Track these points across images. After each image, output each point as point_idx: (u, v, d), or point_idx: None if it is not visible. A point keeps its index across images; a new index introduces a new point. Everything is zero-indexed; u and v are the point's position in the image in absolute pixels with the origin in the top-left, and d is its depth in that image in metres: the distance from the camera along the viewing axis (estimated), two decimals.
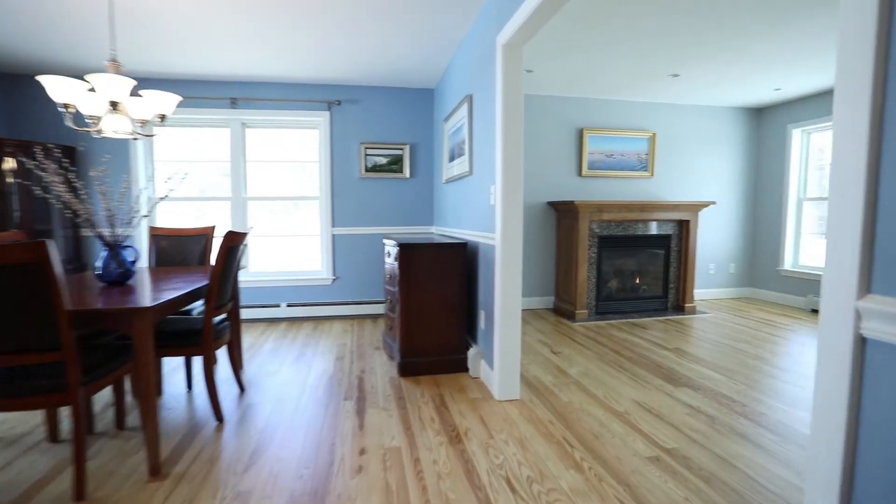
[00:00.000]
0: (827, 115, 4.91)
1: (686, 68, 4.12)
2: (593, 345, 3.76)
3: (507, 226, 2.60)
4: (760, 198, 5.74)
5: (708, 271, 5.74)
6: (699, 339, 3.95)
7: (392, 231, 4.89)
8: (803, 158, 5.33)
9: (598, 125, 5.21)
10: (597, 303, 4.86)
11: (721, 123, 5.63)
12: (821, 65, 4.03)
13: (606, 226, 4.83)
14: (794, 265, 5.42)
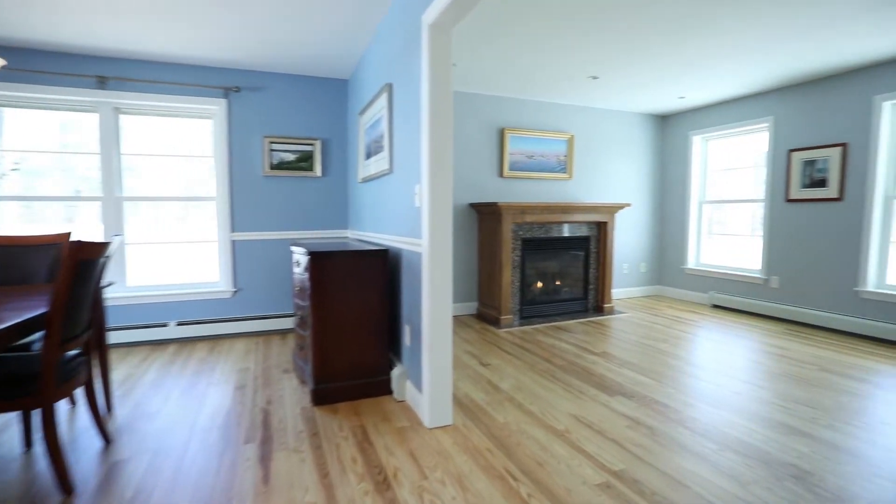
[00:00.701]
0: (723, 123, 5.26)
1: (604, 70, 4.13)
2: (522, 353, 3.61)
3: (436, 230, 2.31)
4: (667, 200, 6.05)
5: (622, 271, 5.93)
6: (622, 340, 3.97)
7: (302, 236, 4.39)
8: (703, 163, 5.67)
9: (519, 125, 5.13)
10: (521, 307, 4.75)
11: (632, 128, 5.84)
12: (719, 76, 4.24)
13: (529, 228, 4.74)
14: (696, 264, 5.76)
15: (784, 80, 4.42)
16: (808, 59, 3.83)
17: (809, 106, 4.47)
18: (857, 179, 4.14)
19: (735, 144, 5.32)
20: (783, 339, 4.00)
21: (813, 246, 4.48)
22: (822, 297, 4.43)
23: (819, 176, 4.40)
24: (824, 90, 4.35)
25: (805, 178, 4.51)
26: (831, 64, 3.95)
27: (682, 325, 4.53)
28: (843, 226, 4.26)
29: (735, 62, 3.89)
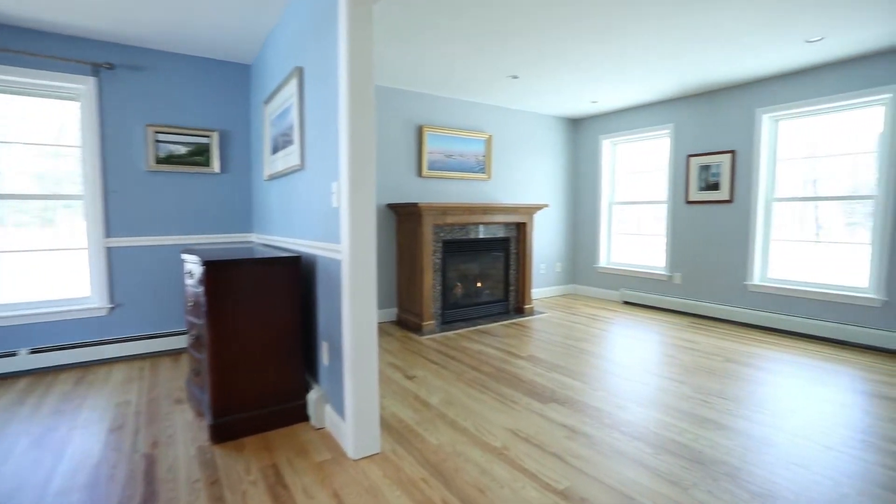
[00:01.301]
0: (630, 128, 5.53)
1: (525, 70, 4.09)
2: (448, 361, 3.42)
3: (358, 234, 2.03)
4: (579, 201, 6.25)
5: (539, 271, 6.01)
6: (546, 342, 3.95)
7: (198, 241, 3.83)
8: (612, 166, 5.94)
9: (438, 123, 4.96)
10: (443, 311, 4.59)
11: (548, 131, 5.95)
12: (628, 83, 4.42)
13: (450, 229, 4.59)
14: (607, 263, 6.01)
15: (684, 90, 4.72)
16: (703, 72, 4.10)
17: (704, 115, 4.82)
18: (745, 183, 4.53)
19: (641, 148, 5.62)
20: (690, 333, 4.24)
21: (709, 244, 4.84)
22: (718, 292, 4.79)
23: (713, 180, 4.76)
24: (717, 101, 4.71)
25: (701, 181, 4.86)
26: (722, 78, 4.27)
27: (600, 322, 4.65)
28: (733, 226, 4.64)
29: (643, 70, 4.05)
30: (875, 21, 3.06)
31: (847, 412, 2.56)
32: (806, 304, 4.17)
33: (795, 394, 2.81)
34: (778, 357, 3.54)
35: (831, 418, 2.48)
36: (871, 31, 3.22)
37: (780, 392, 2.84)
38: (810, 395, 2.79)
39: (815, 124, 4.16)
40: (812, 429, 2.35)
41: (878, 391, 2.87)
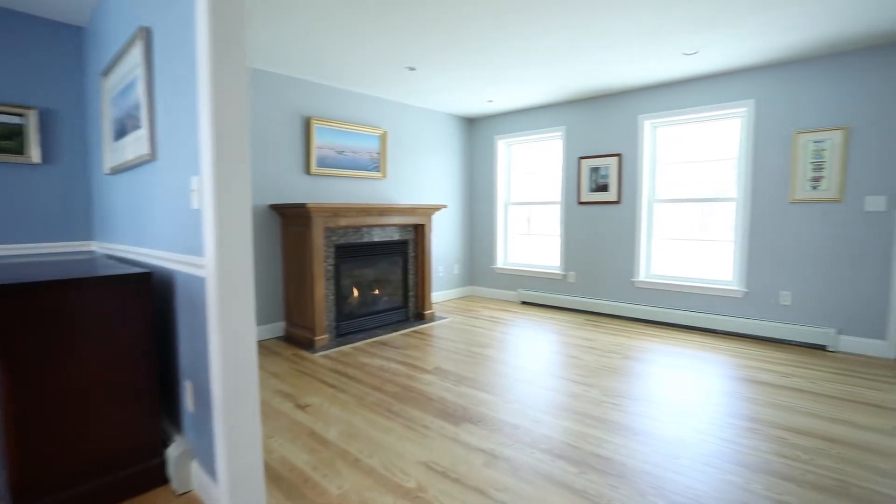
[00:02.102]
0: (525, 129, 5.57)
1: (422, 62, 3.83)
2: (347, 383, 3.03)
3: (227, 244, 1.58)
4: (476, 202, 6.19)
5: (438, 274, 5.82)
6: (451, 350, 3.74)
7: (14, 253, 2.94)
8: (507, 167, 5.96)
9: (328, 115, 4.49)
10: (338, 323, 4.15)
11: (444, 129, 5.77)
12: (524, 84, 4.40)
13: (343, 233, 4.17)
14: (505, 263, 6.02)
15: (574, 94, 4.84)
16: (591, 78, 4.21)
17: (593, 119, 5.00)
18: (630, 185, 4.78)
19: (535, 150, 5.70)
20: (587, 331, 4.34)
21: (600, 243, 5.04)
22: (609, 289, 5.01)
23: (603, 181, 4.96)
24: (604, 106, 4.91)
25: (592, 183, 5.04)
26: (609, 84, 4.44)
27: (501, 325, 4.58)
28: (621, 225, 4.87)
29: (535, 72, 4.04)
30: (740, 39, 3.32)
31: (732, 401, 2.70)
32: (685, 297, 4.51)
33: (687, 386, 2.93)
34: (667, 350, 3.72)
35: (722, 408, 2.59)
36: (736, 49, 3.51)
37: (675, 386, 2.94)
38: (700, 387, 2.92)
39: (688, 131, 4.51)
40: (709, 423, 2.42)
41: (751, 376, 3.10)
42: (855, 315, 3.70)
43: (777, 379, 3.10)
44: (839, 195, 3.70)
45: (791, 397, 2.79)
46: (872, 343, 3.64)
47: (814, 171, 3.80)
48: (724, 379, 3.09)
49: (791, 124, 3.88)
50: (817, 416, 2.55)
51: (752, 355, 3.61)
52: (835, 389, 2.93)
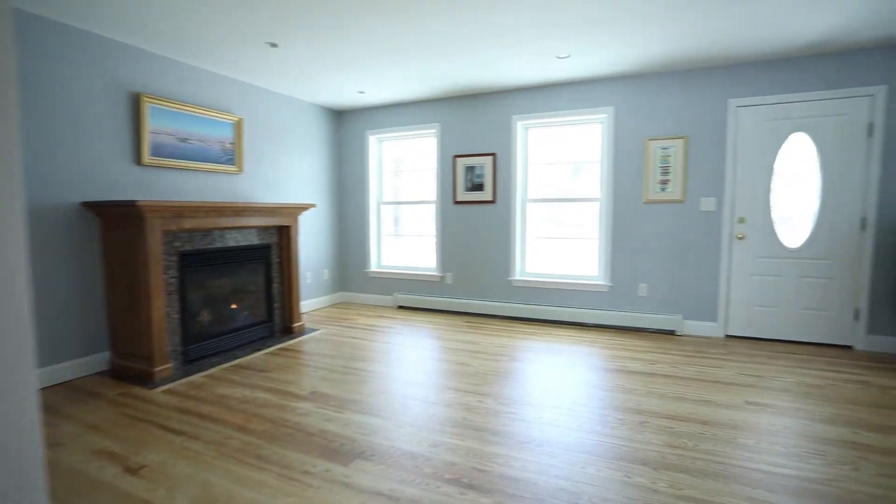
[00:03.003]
0: (398, 125, 5.31)
1: (285, 37, 3.31)
2: (200, 425, 2.43)
3: None
4: (346, 201, 5.74)
5: (306, 281, 5.26)
6: (327, 368, 3.30)
7: None
8: (379, 164, 5.63)
9: (166, 93, 3.67)
10: (185, 347, 3.40)
11: (311, 120, 5.21)
12: (396, 76, 4.13)
13: (190, 237, 3.44)
14: (379, 266, 5.69)
15: (449, 90, 4.72)
16: (467, 75, 4.13)
17: (468, 117, 4.95)
18: (505, 185, 4.82)
19: (409, 147, 5.47)
20: (469, 333, 4.24)
21: (477, 243, 5.01)
22: (487, 289, 5.00)
23: (478, 181, 4.93)
24: (479, 105, 4.88)
25: (468, 182, 4.99)
26: (484, 83, 4.40)
27: (380, 334, 4.25)
28: (497, 225, 4.90)
29: (411, 64, 3.80)
30: (607, 48, 3.49)
31: (616, 395, 2.78)
32: (558, 294, 4.69)
33: (574, 384, 2.95)
34: (547, 347, 3.78)
35: (609, 403, 2.64)
36: (602, 57, 3.70)
37: (563, 385, 2.95)
38: (584, 383, 2.97)
39: (557, 133, 4.69)
40: (602, 422, 2.43)
41: (624, 367, 3.27)
42: (695, 302, 4.18)
43: (646, 367, 3.31)
44: (682, 197, 4.15)
45: (661, 384, 2.98)
46: (708, 325, 4.15)
47: (662, 174, 4.20)
48: (602, 372, 3.20)
49: (643, 131, 4.24)
50: (687, 399, 2.73)
51: (620, 345, 3.85)
52: (692, 371, 3.22)
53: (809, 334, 3.90)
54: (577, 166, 4.63)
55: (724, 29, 3.18)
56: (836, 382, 3.04)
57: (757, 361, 3.46)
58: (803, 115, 3.78)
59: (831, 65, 3.68)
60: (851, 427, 2.42)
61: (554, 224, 4.80)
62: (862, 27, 3.17)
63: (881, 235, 3.65)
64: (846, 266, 3.76)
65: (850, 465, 2.05)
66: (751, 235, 3.99)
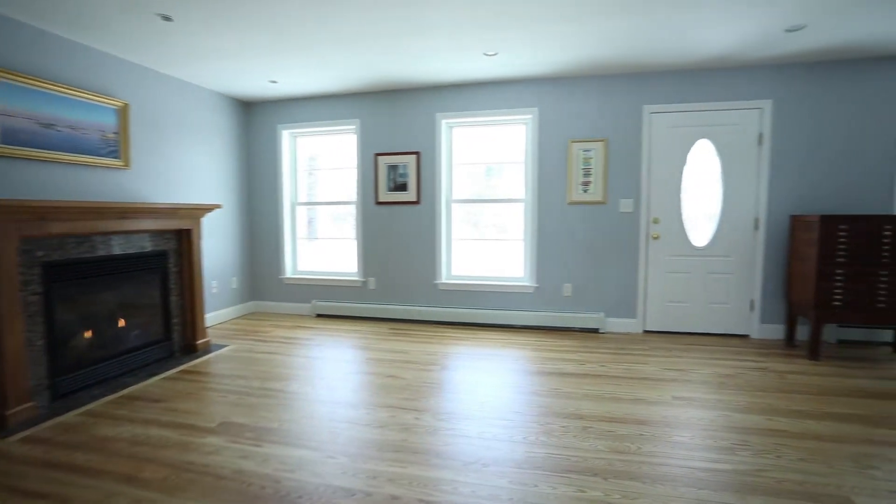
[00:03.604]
0: (314, 119, 4.92)
1: (180, 7, 2.85)
2: (72, 482, 1.95)
3: None
4: (257, 201, 5.22)
5: (211, 291, 4.68)
6: (239, 392, 2.89)
7: None
8: (294, 161, 5.19)
9: (24, 68, 2.99)
10: (53, 380, 2.79)
11: (215, 111, 4.64)
12: (312, 66, 3.80)
13: (60, 243, 2.84)
14: (295, 272, 5.25)
15: (370, 84, 4.45)
16: (389, 69, 3.90)
17: (391, 114, 4.71)
18: (429, 185, 4.66)
19: (327, 143, 5.10)
20: (396, 342, 4.01)
21: (401, 246, 4.79)
22: (412, 293, 4.80)
23: (402, 180, 4.72)
24: (402, 101, 4.66)
25: (390, 181, 4.75)
26: (408, 78, 4.20)
27: (298, 347, 3.87)
28: (422, 226, 4.71)
29: (328, 53, 3.50)
30: (534, 47, 3.46)
31: (555, 400, 2.73)
32: (485, 296, 4.62)
33: (511, 391, 2.86)
34: (479, 353, 3.68)
35: (550, 410, 2.57)
36: (529, 57, 3.67)
37: (501, 393, 2.84)
38: (521, 389, 2.89)
39: (482, 133, 4.62)
40: (548, 432, 2.35)
41: (557, 369, 3.26)
42: (616, 300, 4.33)
43: (577, 368, 3.32)
44: (603, 198, 4.27)
45: (595, 384, 2.99)
46: (628, 322, 4.32)
47: (584, 176, 4.30)
48: (537, 376, 3.15)
49: (566, 133, 4.31)
50: (621, 399, 2.76)
51: (549, 346, 3.85)
52: (620, 370, 3.28)
53: (714, 326, 4.19)
54: (503, 167, 4.60)
55: (641, 37, 3.28)
56: (743, 371, 3.26)
57: (674, 355, 3.63)
58: (706, 123, 4.06)
59: (729, 79, 3.98)
60: (765, 414, 2.57)
61: (480, 225, 4.73)
62: (754, 47, 3.45)
63: (770, 234, 4.02)
64: (743, 262, 4.10)
65: (773, 454, 2.15)
66: (665, 235, 4.21)
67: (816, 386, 3.00)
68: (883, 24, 3.09)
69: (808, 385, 3.01)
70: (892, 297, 3.37)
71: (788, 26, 3.15)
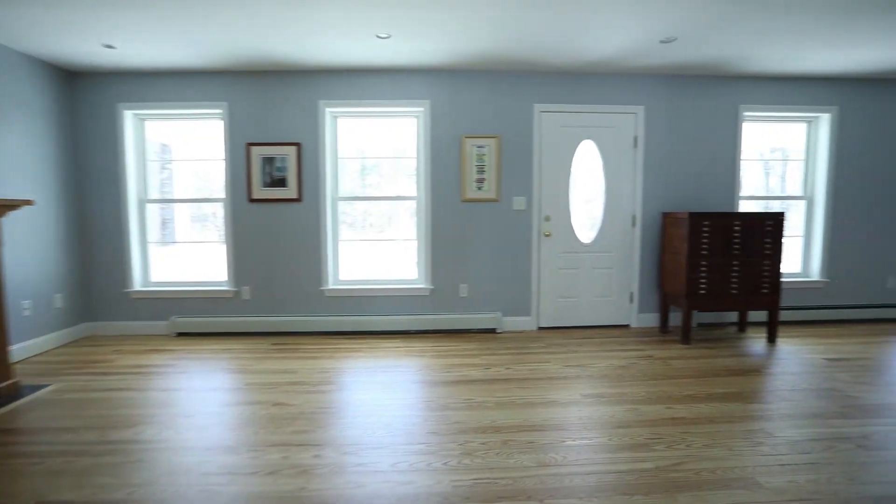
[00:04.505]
0: (168, 100, 4.08)
1: None
2: None
3: None
4: (91, 199, 4.18)
5: (22, 313, 3.62)
6: (64, 453, 2.18)
7: None
8: (141, 150, 4.27)
9: None
10: None
11: (22, 80, 3.57)
12: (166, 32, 3.11)
13: None
14: (146, 284, 4.33)
15: (241, 62, 3.82)
16: (262, 44, 3.37)
17: (267, 98, 4.10)
18: (312, 180, 4.17)
19: (186, 129, 4.28)
20: (281, 360, 3.48)
21: (280, 249, 4.22)
22: (295, 302, 4.26)
23: (280, 175, 4.15)
24: (280, 83, 4.09)
25: (266, 175, 4.15)
26: (286, 58, 3.68)
27: (152, 378, 3.14)
28: (304, 227, 4.20)
29: (185, 20, 2.87)
30: (425, 33, 3.23)
31: (470, 414, 2.54)
32: (378, 301, 4.27)
33: (418, 410, 2.60)
34: (375, 365, 3.34)
35: (466, 427, 2.37)
36: (421, 43, 3.42)
37: (408, 413, 2.56)
38: (431, 405, 2.65)
39: (370, 125, 4.26)
40: (470, 454, 2.13)
41: (463, 376, 3.08)
42: (512, 298, 4.31)
43: (484, 373, 3.18)
44: (497, 196, 4.21)
45: (505, 390, 2.86)
46: (524, 319, 4.33)
47: (478, 173, 4.20)
48: (444, 387, 2.93)
49: (460, 128, 4.16)
50: (534, 403, 2.66)
51: (450, 351, 3.67)
52: (526, 371, 3.21)
53: (600, 318, 4.40)
54: (394, 162, 4.30)
55: (531, 33, 3.24)
56: (634, 361, 3.42)
57: (571, 350, 3.69)
58: (591, 124, 4.23)
59: (610, 84, 4.19)
60: (664, 403, 2.67)
61: (370, 225, 4.37)
62: (634, 55, 3.65)
63: (646, 230, 4.34)
64: (624, 257, 4.37)
65: (683, 444, 2.20)
66: (556, 232, 4.30)
67: (694, 369, 3.24)
68: (731, 48, 3.45)
69: (689, 369, 3.24)
70: (742, 285, 3.81)
71: (663, 37, 3.36)
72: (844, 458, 2.09)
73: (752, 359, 3.47)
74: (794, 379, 3.05)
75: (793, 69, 4.09)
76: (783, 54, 3.70)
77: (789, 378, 3.07)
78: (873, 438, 2.27)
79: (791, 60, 3.85)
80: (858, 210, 4.52)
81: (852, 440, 2.25)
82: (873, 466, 2.02)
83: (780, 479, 1.92)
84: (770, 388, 2.90)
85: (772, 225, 3.80)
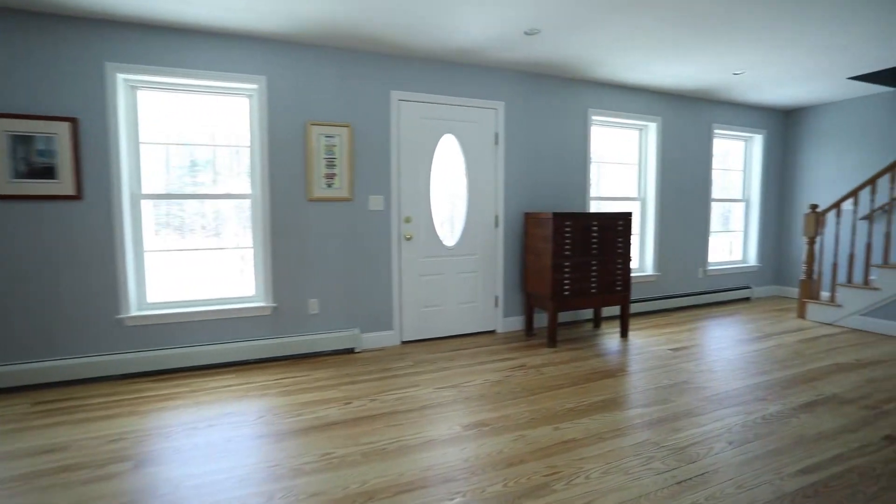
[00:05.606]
0: None
1: None
2: None
3: None
4: None
5: None
6: None
7: None
8: None
9: None
10: None
11: None
12: None
13: None
14: None
15: None
16: None
17: (22, 50, 2.85)
18: (99, 171, 3.06)
19: None
20: (46, 430, 2.39)
21: (45, 265, 3.01)
22: (77, 337, 3.08)
23: (44, 162, 2.94)
24: (44, 31, 2.88)
25: (20, 162, 2.91)
26: None
27: None
28: (86, 233, 3.06)
29: None
30: None
31: (329, 478, 1.94)
32: (203, 327, 3.34)
33: (270, 480, 1.92)
34: (205, 415, 2.50)
35: (329, 496, 1.77)
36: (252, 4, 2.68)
37: (244, 491, 1.86)
38: (283, 471, 1.98)
39: (191, 104, 3.30)
40: None
41: (321, 419, 2.46)
42: (371, 312, 3.78)
43: (344, 411, 2.59)
44: (349, 194, 3.63)
45: (372, 433, 2.33)
46: (385, 335, 3.83)
47: (327, 167, 3.56)
48: (295, 439, 2.27)
49: (304, 113, 3.47)
50: (410, 447, 2.17)
51: (300, 385, 2.99)
52: (393, 401, 2.72)
53: (466, 326, 4.13)
54: (219, 151, 3.42)
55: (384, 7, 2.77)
56: (508, 373, 3.18)
57: (441, 368, 3.31)
58: (452, 117, 3.92)
59: (473, 74, 3.93)
60: (550, 423, 2.43)
61: (190, 230, 3.41)
62: (496, 45, 3.41)
63: (507, 231, 4.20)
64: (487, 260, 4.16)
65: (581, 475, 1.94)
66: (417, 235, 3.89)
67: (567, 376, 3.12)
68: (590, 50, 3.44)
69: (562, 377, 3.10)
70: (600, 283, 3.89)
71: (527, 29, 3.17)
72: (724, 460, 2.05)
73: (614, 357, 3.51)
74: (654, 376, 3.11)
75: (634, 80, 4.34)
76: (634, 60, 3.84)
77: (650, 376, 3.12)
78: (735, 432, 2.31)
79: (641, 67, 4.03)
80: (677, 210, 5.06)
81: (721, 438, 2.25)
82: (751, 464, 2.00)
83: (685, 502, 1.75)
84: (638, 389, 2.89)
85: (622, 225, 3.94)
